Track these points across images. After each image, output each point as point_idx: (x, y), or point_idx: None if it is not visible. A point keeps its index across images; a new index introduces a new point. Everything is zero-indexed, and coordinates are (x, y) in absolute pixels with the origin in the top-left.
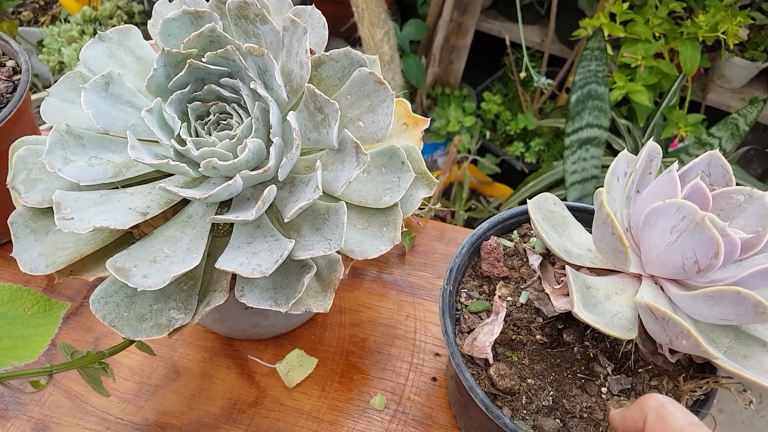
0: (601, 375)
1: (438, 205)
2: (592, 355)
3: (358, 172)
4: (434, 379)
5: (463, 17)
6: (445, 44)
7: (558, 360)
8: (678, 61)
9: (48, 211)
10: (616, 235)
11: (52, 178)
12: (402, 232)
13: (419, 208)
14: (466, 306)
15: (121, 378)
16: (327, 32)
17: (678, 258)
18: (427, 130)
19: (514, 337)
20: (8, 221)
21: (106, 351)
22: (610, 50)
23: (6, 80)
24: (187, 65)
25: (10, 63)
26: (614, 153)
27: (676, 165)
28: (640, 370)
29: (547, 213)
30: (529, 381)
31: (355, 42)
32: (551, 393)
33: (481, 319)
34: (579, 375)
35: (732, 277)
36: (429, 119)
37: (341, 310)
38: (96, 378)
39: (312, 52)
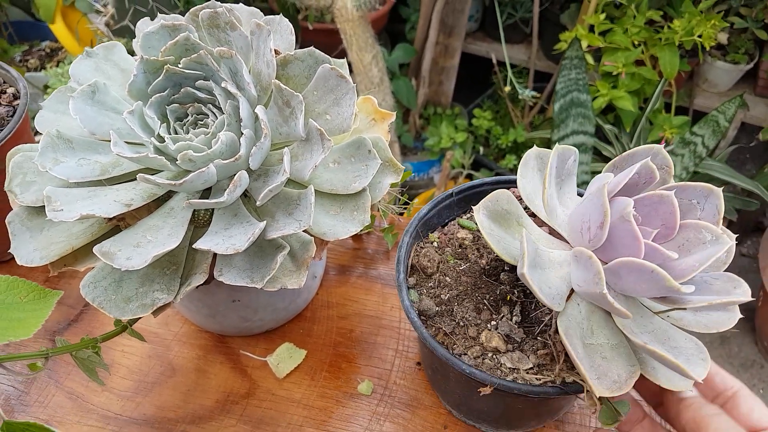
0: (503, 315)
1: (416, 201)
2: (508, 299)
3: (323, 156)
4: (419, 363)
5: (449, 39)
6: (434, 66)
7: (482, 284)
8: (659, 67)
9: (42, 210)
10: None
11: (45, 180)
12: (384, 230)
13: (403, 206)
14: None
15: (119, 377)
16: (294, 38)
17: (578, 222)
18: (421, 149)
19: (469, 255)
20: (6, 221)
21: (98, 337)
22: (591, 60)
23: (7, 105)
24: (164, 71)
25: (10, 90)
26: (604, 159)
27: (610, 175)
28: (537, 338)
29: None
30: (448, 278)
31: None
32: (455, 295)
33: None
34: (485, 302)
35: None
36: (394, 113)
37: (329, 305)
38: (91, 368)
39: (277, 53)
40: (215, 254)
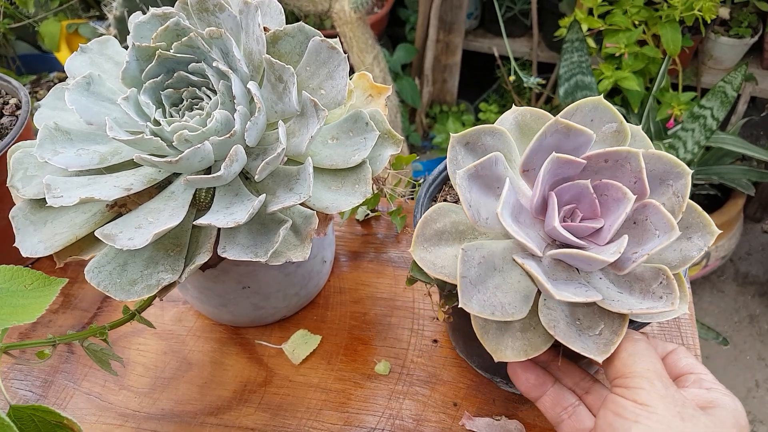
0: None
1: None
2: None
3: (319, 126)
4: (435, 341)
5: (449, 36)
6: (437, 64)
7: None
8: (662, 45)
9: (44, 203)
10: None
11: (46, 173)
12: (391, 213)
13: (411, 190)
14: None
15: (136, 375)
16: (284, 17)
17: None
18: (429, 148)
19: None
20: (9, 216)
21: (106, 325)
22: (593, 43)
23: (10, 116)
24: (156, 56)
25: (12, 100)
26: None
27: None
28: None
29: None
30: None
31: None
32: None
33: None
34: None
35: None
36: (390, 86)
37: (341, 291)
38: (104, 360)
39: (267, 30)
40: (219, 234)
